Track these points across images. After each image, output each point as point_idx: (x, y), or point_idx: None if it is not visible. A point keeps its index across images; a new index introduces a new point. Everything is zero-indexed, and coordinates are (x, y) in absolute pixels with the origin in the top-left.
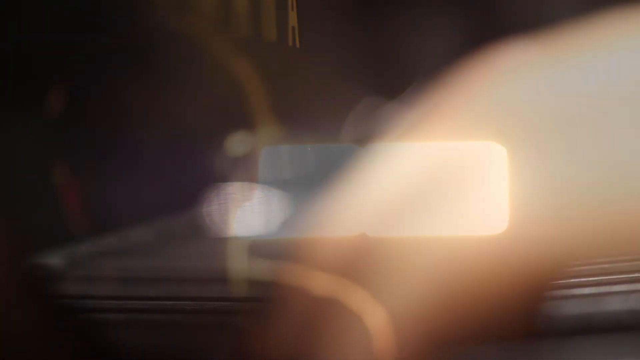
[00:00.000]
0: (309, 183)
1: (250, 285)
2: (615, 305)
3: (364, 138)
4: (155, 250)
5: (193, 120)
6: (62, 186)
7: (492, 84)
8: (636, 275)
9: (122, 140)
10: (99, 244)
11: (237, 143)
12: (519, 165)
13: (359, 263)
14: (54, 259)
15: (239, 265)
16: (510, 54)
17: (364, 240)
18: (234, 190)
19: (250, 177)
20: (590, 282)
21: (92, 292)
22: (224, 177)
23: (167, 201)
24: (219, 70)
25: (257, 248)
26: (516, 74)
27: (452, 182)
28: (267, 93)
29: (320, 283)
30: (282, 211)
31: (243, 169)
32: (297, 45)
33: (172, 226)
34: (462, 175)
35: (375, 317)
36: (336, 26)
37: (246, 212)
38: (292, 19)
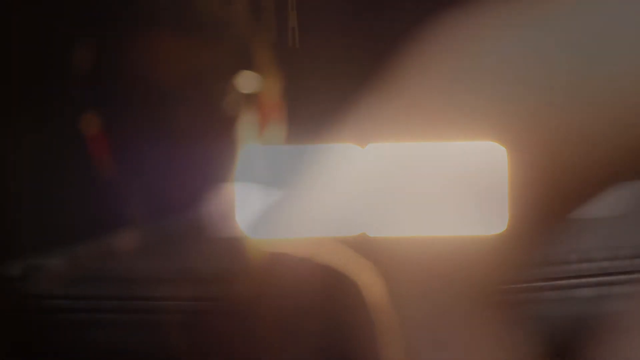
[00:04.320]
0: (308, 183)
1: (249, 285)
2: (615, 306)
3: (364, 138)
4: (157, 250)
5: (194, 121)
6: (91, 136)
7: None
8: (636, 275)
9: (125, 140)
10: (99, 243)
11: (238, 142)
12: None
13: (359, 263)
14: (54, 259)
15: (238, 265)
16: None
17: (364, 240)
18: (234, 191)
19: (250, 178)
20: (590, 283)
21: (92, 292)
22: (224, 178)
23: (167, 201)
24: (223, 71)
25: (257, 248)
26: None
27: (452, 182)
28: (270, 94)
29: (319, 281)
30: (282, 211)
31: (243, 169)
32: (297, 45)
33: (172, 226)
34: (462, 175)
35: (375, 315)
36: (336, 26)
37: (246, 212)
38: (292, 20)
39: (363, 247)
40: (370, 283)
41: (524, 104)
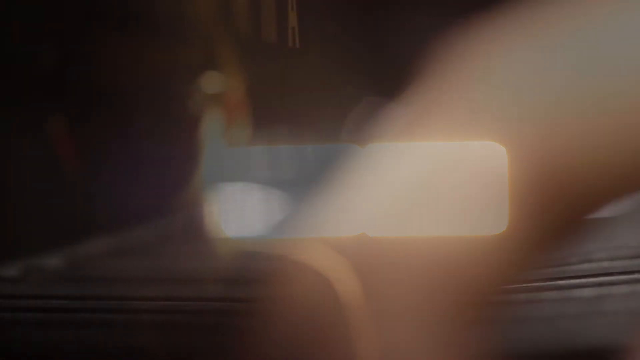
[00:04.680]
0: (308, 183)
1: (248, 285)
2: (615, 305)
3: (364, 138)
4: (155, 250)
5: (189, 120)
6: (58, 140)
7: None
8: (636, 275)
9: (120, 139)
10: (99, 243)
11: (234, 142)
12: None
13: (359, 263)
14: (53, 259)
15: (236, 265)
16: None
17: (364, 240)
18: (233, 190)
19: (249, 177)
20: (590, 283)
21: (91, 292)
22: (222, 177)
23: (165, 201)
24: (217, 71)
25: (255, 248)
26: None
27: (452, 182)
28: (262, 94)
29: (317, 283)
30: (281, 211)
31: (243, 169)
32: (297, 45)
33: (172, 226)
34: (462, 175)
35: (371, 317)
36: (336, 26)
37: (244, 212)
38: (292, 20)
39: (363, 247)
40: (347, 283)
41: (524, 103)
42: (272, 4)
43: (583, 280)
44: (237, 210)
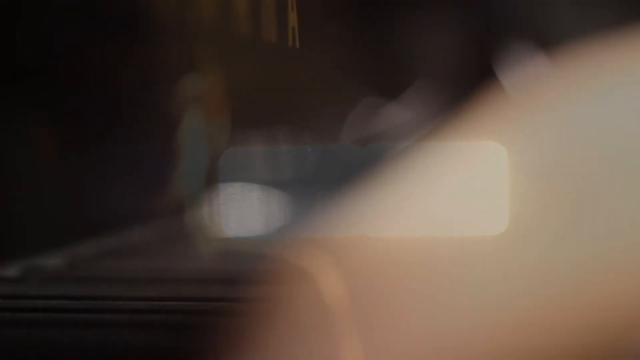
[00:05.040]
0: (309, 183)
1: (242, 285)
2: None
3: (364, 138)
4: (154, 251)
5: (185, 121)
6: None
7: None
8: None
9: (119, 141)
10: (99, 244)
11: (232, 143)
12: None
13: (358, 263)
14: (54, 259)
15: (234, 265)
16: (514, 60)
17: (363, 241)
18: (232, 191)
19: (249, 177)
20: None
21: (91, 292)
22: (221, 177)
23: (163, 202)
24: (216, 74)
25: (250, 249)
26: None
27: (452, 182)
28: (262, 94)
29: (305, 284)
30: (280, 212)
31: (242, 169)
32: (297, 45)
33: (170, 227)
34: (462, 175)
35: (359, 318)
36: (336, 26)
37: (244, 213)
38: (292, 19)
39: (363, 247)
40: (335, 284)
41: (524, 103)
42: (272, 4)
43: None
44: (236, 211)
